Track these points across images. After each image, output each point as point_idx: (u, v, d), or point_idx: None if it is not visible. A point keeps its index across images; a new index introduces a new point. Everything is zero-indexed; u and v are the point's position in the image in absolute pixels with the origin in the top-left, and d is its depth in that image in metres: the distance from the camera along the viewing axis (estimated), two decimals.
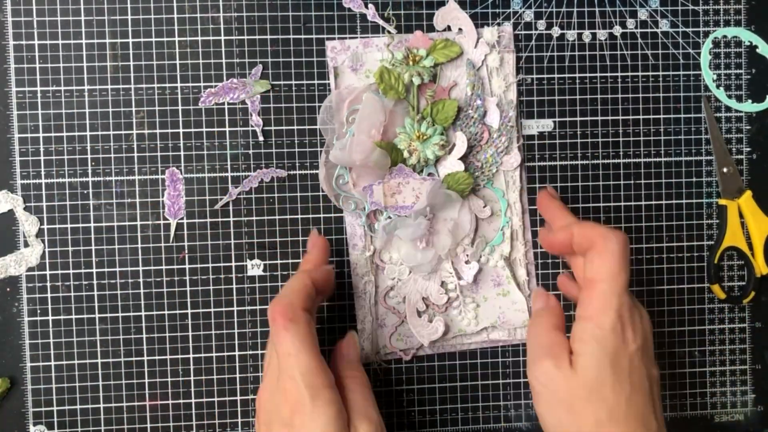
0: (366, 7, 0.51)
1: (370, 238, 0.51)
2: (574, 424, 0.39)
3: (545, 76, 0.52)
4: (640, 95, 0.53)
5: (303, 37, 0.51)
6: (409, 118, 0.50)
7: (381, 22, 0.51)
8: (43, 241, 0.49)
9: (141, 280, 0.50)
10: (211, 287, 0.50)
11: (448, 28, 0.51)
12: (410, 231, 0.49)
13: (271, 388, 0.41)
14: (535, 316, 0.46)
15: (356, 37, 0.51)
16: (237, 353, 0.51)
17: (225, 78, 0.50)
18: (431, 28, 0.51)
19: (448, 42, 0.51)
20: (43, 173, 0.49)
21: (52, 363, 0.49)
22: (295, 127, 0.51)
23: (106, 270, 0.50)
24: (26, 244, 0.49)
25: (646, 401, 0.40)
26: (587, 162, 0.53)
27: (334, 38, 0.51)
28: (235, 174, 0.51)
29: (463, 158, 0.50)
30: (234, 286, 0.51)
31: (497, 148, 0.51)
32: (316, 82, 0.51)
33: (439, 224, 0.51)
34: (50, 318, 0.49)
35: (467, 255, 0.51)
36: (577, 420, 0.39)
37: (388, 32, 0.51)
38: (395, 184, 0.50)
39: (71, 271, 0.50)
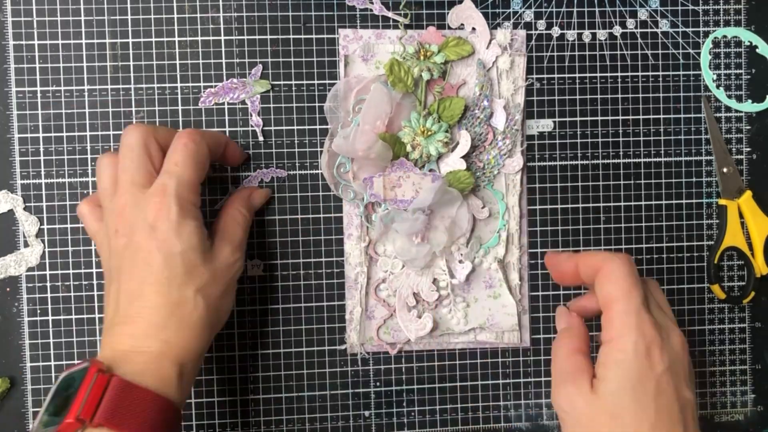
0: (371, 2, 0.51)
1: (366, 228, 0.51)
2: None
3: (545, 76, 0.52)
4: (640, 95, 0.53)
5: (303, 36, 0.51)
6: (415, 113, 0.50)
7: (386, 13, 0.51)
8: (43, 241, 0.49)
9: None
10: None
11: (462, 27, 0.51)
12: (407, 225, 0.49)
13: (137, 195, 0.42)
14: (558, 337, 0.44)
15: (369, 27, 0.51)
16: (237, 353, 0.51)
17: (225, 78, 0.50)
18: (442, 26, 0.51)
19: (461, 40, 0.51)
20: (43, 173, 0.49)
21: (52, 363, 0.49)
22: (295, 127, 0.51)
23: None
24: (26, 244, 0.49)
25: (673, 426, 0.38)
26: (587, 162, 0.53)
27: (345, 26, 0.51)
28: (235, 174, 0.51)
29: (466, 157, 0.50)
30: None
31: (500, 151, 0.51)
32: (316, 82, 0.51)
33: (436, 220, 0.51)
34: (50, 318, 0.49)
35: (461, 254, 0.51)
36: None
37: (401, 24, 0.51)
38: (395, 178, 0.50)
39: (71, 271, 0.50)
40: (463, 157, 0.50)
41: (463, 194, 0.51)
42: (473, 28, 0.51)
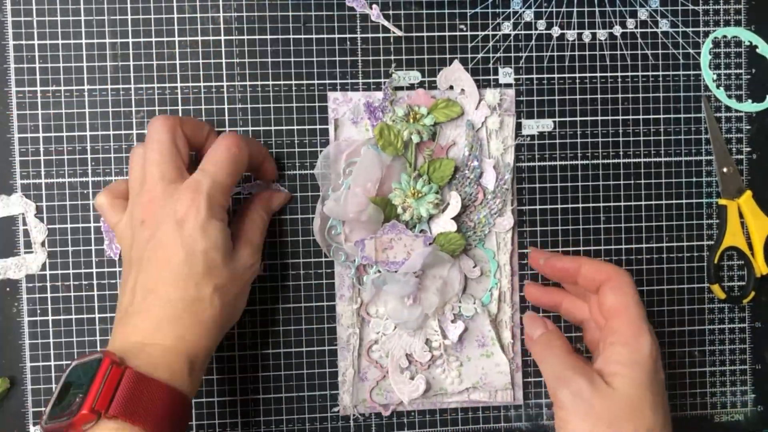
0: (370, 7, 0.51)
1: (357, 290, 0.51)
2: None
3: (545, 76, 0.52)
4: (640, 95, 0.53)
5: (303, 37, 0.51)
6: (405, 175, 0.50)
7: (384, 23, 0.51)
8: (43, 241, 0.49)
9: None
10: None
11: (451, 88, 0.51)
12: (399, 287, 0.49)
13: (167, 189, 0.43)
14: (544, 341, 0.46)
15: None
16: (237, 353, 0.51)
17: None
18: (432, 86, 0.51)
19: (450, 102, 0.51)
20: (43, 173, 0.49)
21: (52, 363, 0.49)
22: (295, 127, 0.51)
23: (106, 270, 0.50)
24: (27, 246, 0.49)
25: (669, 425, 0.43)
26: (587, 162, 0.53)
27: (336, 90, 0.51)
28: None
29: (457, 217, 0.50)
30: None
31: (491, 210, 0.51)
32: (315, 82, 0.51)
33: (427, 281, 0.51)
34: (50, 318, 0.49)
35: (454, 314, 0.51)
36: None
37: (392, 33, 0.51)
38: (387, 240, 0.50)
39: (71, 271, 0.50)
40: (454, 217, 0.50)
41: (454, 255, 0.50)
42: (462, 90, 0.51)
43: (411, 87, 0.51)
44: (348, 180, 0.50)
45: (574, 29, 0.53)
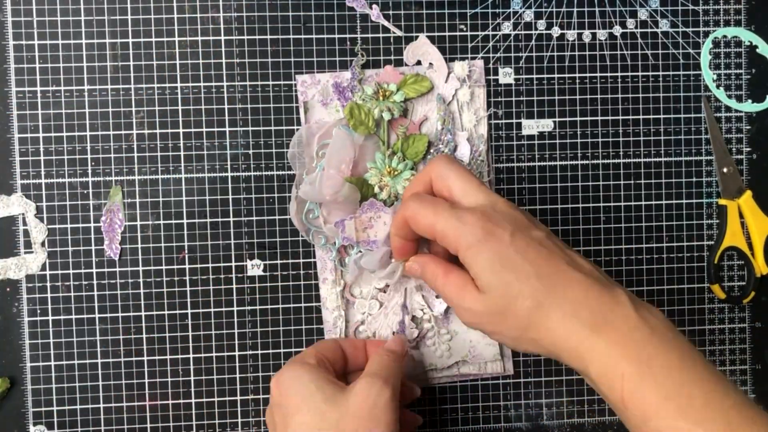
0: (370, 7, 0.51)
1: (340, 272, 0.51)
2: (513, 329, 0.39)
3: (545, 76, 0.52)
4: (640, 95, 0.53)
5: (303, 37, 0.51)
6: (379, 153, 0.50)
7: (385, 23, 0.51)
8: (43, 241, 0.49)
9: (141, 280, 0.50)
10: (211, 287, 0.50)
11: (419, 63, 0.51)
12: (376, 259, 0.49)
13: None
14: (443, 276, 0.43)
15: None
16: (237, 353, 0.51)
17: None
18: (399, 63, 0.51)
19: (419, 77, 0.51)
20: (43, 173, 0.49)
21: (52, 363, 0.49)
22: (295, 127, 0.51)
23: (106, 270, 0.50)
24: (27, 245, 0.49)
25: (551, 259, 0.39)
26: (587, 162, 0.53)
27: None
28: (235, 174, 0.51)
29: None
30: (234, 286, 0.51)
31: None
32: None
33: None
34: (50, 318, 0.49)
35: None
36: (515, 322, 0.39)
37: (393, 33, 0.51)
38: (367, 219, 0.50)
39: (71, 272, 0.50)
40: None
41: None
42: (430, 63, 0.51)
43: (378, 64, 0.51)
44: (322, 162, 0.49)
45: (574, 29, 0.53)
